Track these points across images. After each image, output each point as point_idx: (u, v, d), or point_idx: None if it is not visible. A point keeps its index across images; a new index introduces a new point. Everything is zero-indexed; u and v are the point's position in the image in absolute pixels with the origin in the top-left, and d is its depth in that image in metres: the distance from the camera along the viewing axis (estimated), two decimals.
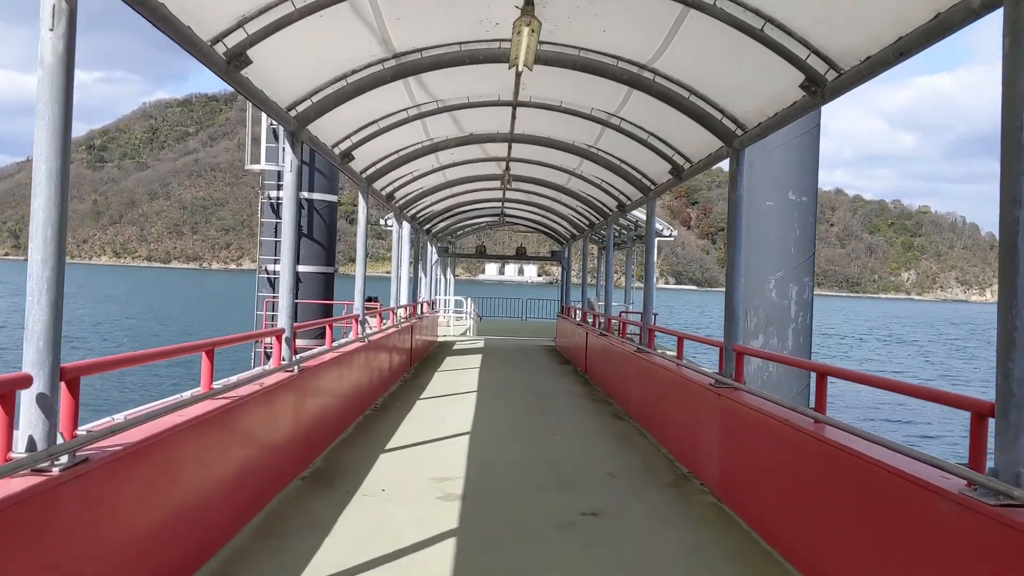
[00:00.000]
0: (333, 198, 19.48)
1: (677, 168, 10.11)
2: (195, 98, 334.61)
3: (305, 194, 18.81)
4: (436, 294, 32.29)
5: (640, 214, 27.50)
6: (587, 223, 18.91)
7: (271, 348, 17.45)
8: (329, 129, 9.16)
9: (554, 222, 22.91)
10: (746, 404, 6.84)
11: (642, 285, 36.32)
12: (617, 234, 31.54)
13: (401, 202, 15.94)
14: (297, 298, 18.46)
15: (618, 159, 11.87)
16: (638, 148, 10.39)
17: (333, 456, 8.64)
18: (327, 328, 9.88)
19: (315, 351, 9.39)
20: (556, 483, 7.83)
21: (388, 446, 9.24)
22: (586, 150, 11.92)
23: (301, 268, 18.68)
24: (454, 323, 31.91)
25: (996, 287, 3.83)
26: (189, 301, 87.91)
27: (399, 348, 15.72)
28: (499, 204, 21.13)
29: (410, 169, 13.45)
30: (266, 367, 7.53)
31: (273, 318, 18.65)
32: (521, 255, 27.92)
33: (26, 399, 3.49)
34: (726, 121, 7.87)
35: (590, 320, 19.97)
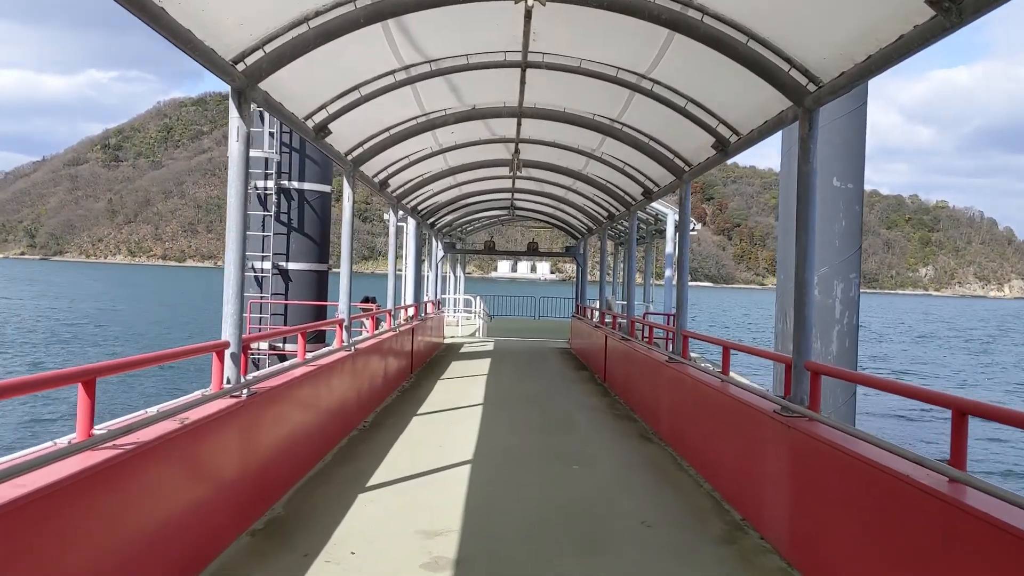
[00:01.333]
0: (326, 188, 17.77)
1: (721, 141, 8.37)
2: (209, 97, 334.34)
3: (295, 184, 17.12)
4: (443, 293, 30.66)
5: (660, 206, 25.76)
6: (605, 215, 17.17)
7: (259, 354, 15.76)
8: (297, 95, 7.49)
9: (569, 215, 21.17)
10: (831, 443, 5.10)
11: (661, 283, 34.58)
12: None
13: (399, 191, 14.26)
14: (287, 299, 16.82)
15: (647, 135, 10.14)
16: (672, 119, 8.65)
17: (299, 499, 6.95)
18: (299, 337, 8.18)
19: (283, 366, 7.73)
20: (578, 539, 6.10)
21: (370, 482, 7.55)
22: (608, 125, 10.20)
23: (290, 266, 17.04)
24: (463, 323, 30.22)
25: (1015, 282, 2.12)
26: (176, 300, 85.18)
27: (397, 353, 14.06)
28: (508, 196, 19.41)
29: (405, 152, 11.77)
30: (206, 391, 5.86)
31: (260, 321, 17.03)
32: (533, 251, 26.13)
33: None
34: (795, 73, 6.12)
35: (609, 321, 18.27)
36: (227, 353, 5.88)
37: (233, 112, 6.02)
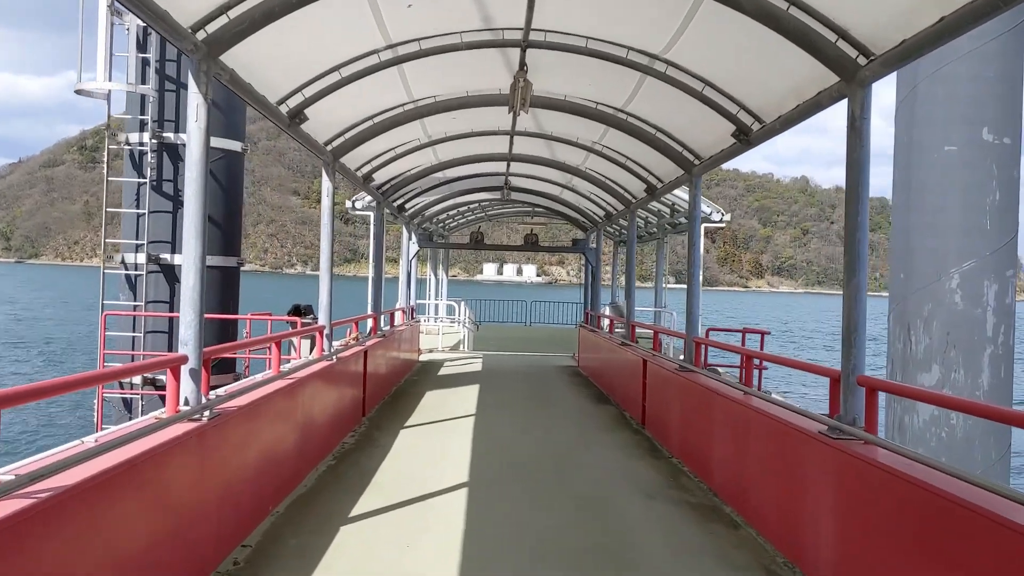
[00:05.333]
0: (234, 145, 12.47)
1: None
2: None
3: (185, 138, 12.00)
4: (421, 298, 25.71)
5: (685, 194, 20.66)
6: (644, 189, 12.04)
7: (131, 394, 10.66)
8: None
9: (583, 195, 16.09)
10: None
11: (673, 286, 29.77)
12: (643, 223, 24.74)
13: (336, 142, 9.20)
14: (173, 309, 11.73)
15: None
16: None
17: None
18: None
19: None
20: None
21: None
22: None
23: (179, 259, 11.86)
24: (445, 331, 25.05)
25: None
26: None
27: (333, 392, 9.05)
28: (503, 166, 14.38)
29: (325, 55, 6.80)
30: None
31: (133, 343, 11.89)
32: (532, 245, 20.94)
33: None
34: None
35: (642, 336, 13.32)
36: None
37: None
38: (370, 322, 12.84)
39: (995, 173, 10.24)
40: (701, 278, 10.20)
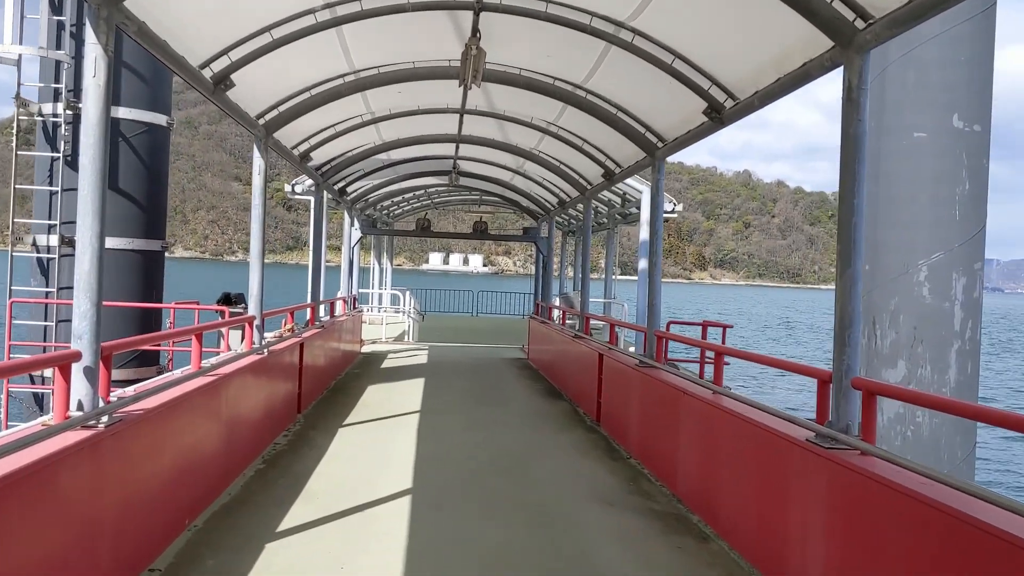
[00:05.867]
0: (159, 119, 11.48)
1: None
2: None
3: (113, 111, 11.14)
4: (363, 286, 24.90)
5: (637, 183, 20.17)
6: (602, 175, 11.44)
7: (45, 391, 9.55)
8: None
9: (537, 182, 15.45)
10: None
11: (624, 278, 29.46)
12: (593, 213, 24.19)
13: (268, 116, 8.40)
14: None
15: None
16: None
17: None
18: None
19: None
20: None
21: None
22: None
23: (77, 242, 11.00)
24: (389, 321, 24.20)
25: None
26: None
27: (265, 389, 8.28)
28: (452, 148, 13.66)
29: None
30: None
31: (45, 333, 10.93)
32: (482, 233, 20.17)
33: None
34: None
35: (597, 327, 12.78)
36: None
37: None
38: (308, 312, 12.04)
39: (965, 162, 9.87)
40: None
